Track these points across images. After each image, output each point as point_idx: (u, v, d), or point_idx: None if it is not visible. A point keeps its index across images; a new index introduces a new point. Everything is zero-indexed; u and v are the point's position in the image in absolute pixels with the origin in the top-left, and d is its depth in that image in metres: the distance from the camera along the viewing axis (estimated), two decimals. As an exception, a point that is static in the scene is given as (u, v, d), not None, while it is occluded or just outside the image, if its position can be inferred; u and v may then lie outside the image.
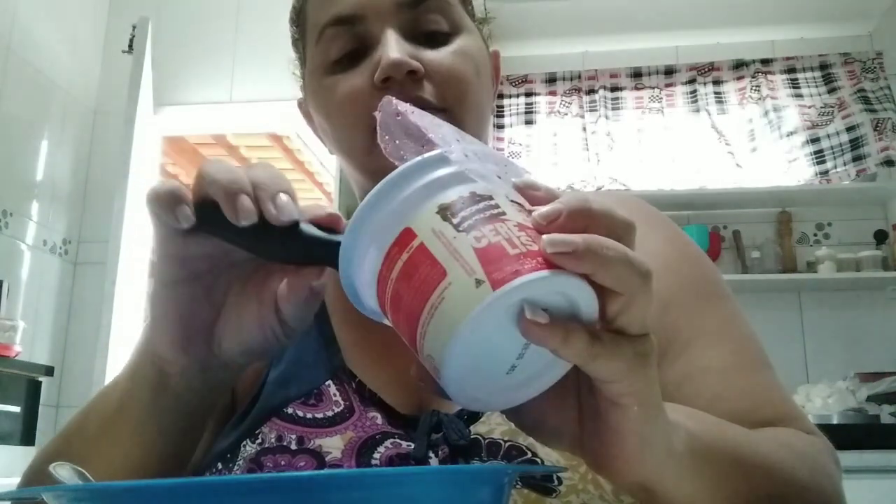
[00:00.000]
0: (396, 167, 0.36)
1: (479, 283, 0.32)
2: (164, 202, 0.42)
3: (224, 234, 0.43)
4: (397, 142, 0.39)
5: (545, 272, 0.32)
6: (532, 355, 0.35)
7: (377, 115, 0.40)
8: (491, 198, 0.36)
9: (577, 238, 0.33)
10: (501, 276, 0.32)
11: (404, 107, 0.40)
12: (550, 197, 0.36)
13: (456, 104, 0.62)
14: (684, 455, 0.40)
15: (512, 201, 0.36)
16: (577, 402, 0.39)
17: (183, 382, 0.48)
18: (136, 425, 0.50)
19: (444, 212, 0.35)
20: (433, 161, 0.37)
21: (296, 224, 0.42)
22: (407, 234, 0.35)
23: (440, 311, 0.33)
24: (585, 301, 0.34)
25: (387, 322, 0.39)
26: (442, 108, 0.61)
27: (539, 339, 0.33)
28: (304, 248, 0.42)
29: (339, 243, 0.40)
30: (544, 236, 0.33)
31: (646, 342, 0.35)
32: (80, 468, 0.37)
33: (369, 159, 0.63)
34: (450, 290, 0.33)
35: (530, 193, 0.36)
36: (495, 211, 0.35)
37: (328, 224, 0.43)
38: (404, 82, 0.60)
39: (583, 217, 0.34)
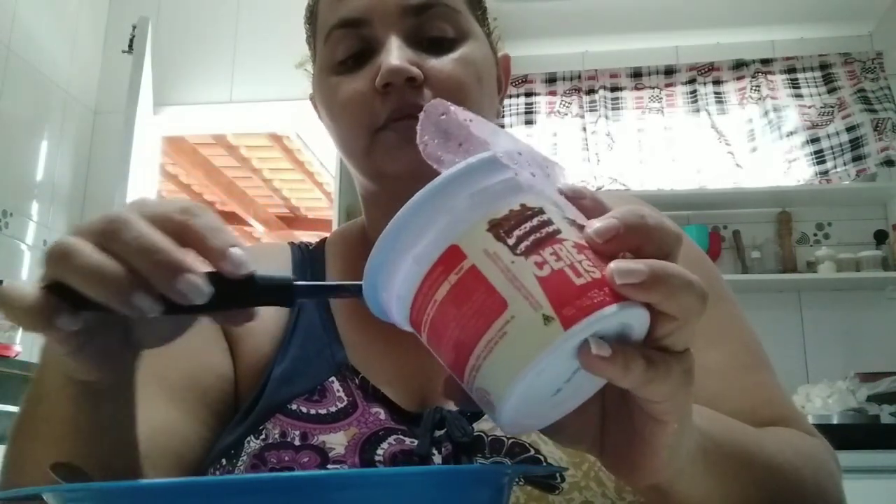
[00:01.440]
0: (394, 172, 0.35)
1: (547, 319, 0.30)
2: (30, 319, 0.36)
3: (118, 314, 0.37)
4: (436, 142, 0.35)
5: (614, 307, 0.31)
6: (579, 378, 0.34)
7: (421, 115, 0.36)
8: (542, 211, 0.33)
9: (643, 267, 0.31)
10: (572, 314, 0.30)
11: (453, 108, 0.36)
12: (598, 206, 0.35)
13: None
14: (697, 455, 0.40)
15: (563, 215, 0.34)
16: (600, 407, 0.38)
17: (106, 387, 0.44)
18: (63, 426, 0.46)
19: (497, 230, 0.32)
20: (481, 165, 0.33)
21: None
22: (454, 253, 0.32)
23: (501, 347, 0.31)
24: (640, 323, 0.33)
25: (408, 329, 0.36)
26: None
27: (601, 371, 0.32)
28: (224, 302, 0.38)
29: (263, 288, 0.38)
30: (611, 266, 0.32)
31: (689, 358, 0.35)
32: (80, 468, 0.37)
33: (368, 161, 0.64)
34: (513, 324, 0.31)
35: (579, 203, 0.35)
36: (550, 229, 0.32)
37: (230, 274, 0.38)
38: (403, 88, 0.61)
39: (640, 233, 0.33)
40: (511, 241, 0.32)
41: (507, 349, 0.31)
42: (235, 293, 0.38)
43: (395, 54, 0.60)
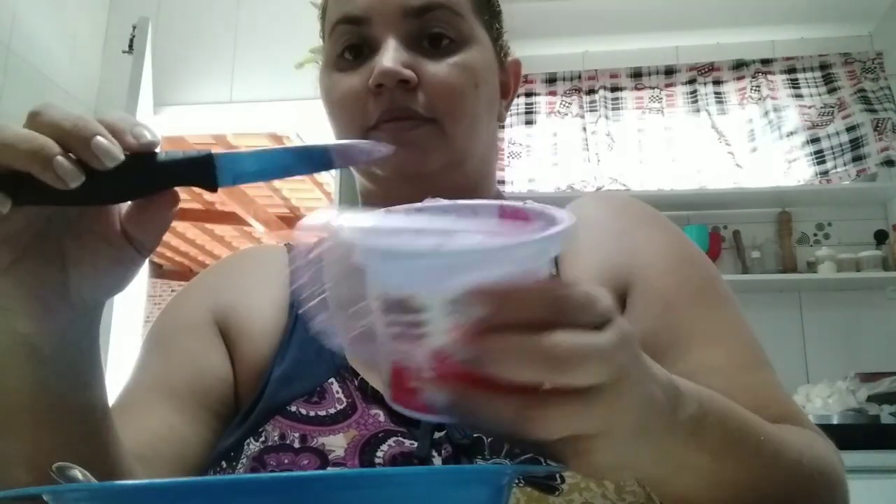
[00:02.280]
0: (383, 172, 0.35)
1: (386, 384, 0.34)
2: None
3: (42, 197, 0.38)
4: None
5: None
6: None
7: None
8: (424, 310, 0.32)
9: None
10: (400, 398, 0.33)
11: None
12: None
13: (445, 115, 0.63)
14: (693, 436, 0.39)
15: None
16: None
17: (53, 345, 0.44)
18: (29, 413, 0.45)
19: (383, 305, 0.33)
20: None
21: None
22: None
23: None
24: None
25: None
26: (430, 119, 0.63)
27: None
28: (145, 178, 0.40)
29: (180, 161, 0.39)
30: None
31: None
32: (81, 468, 0.37)
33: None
34: None
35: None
36: (417, 332, 0.32)
37: (147, 149, 0.40)
38: (395, 90, 0.61)
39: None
40: (387, 319, 0.33)
41: None
42: (153, 173, 0.40)
43: (390, 56, 0.61)
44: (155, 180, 0.40)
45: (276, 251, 0.76)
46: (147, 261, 0.47)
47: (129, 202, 0.42)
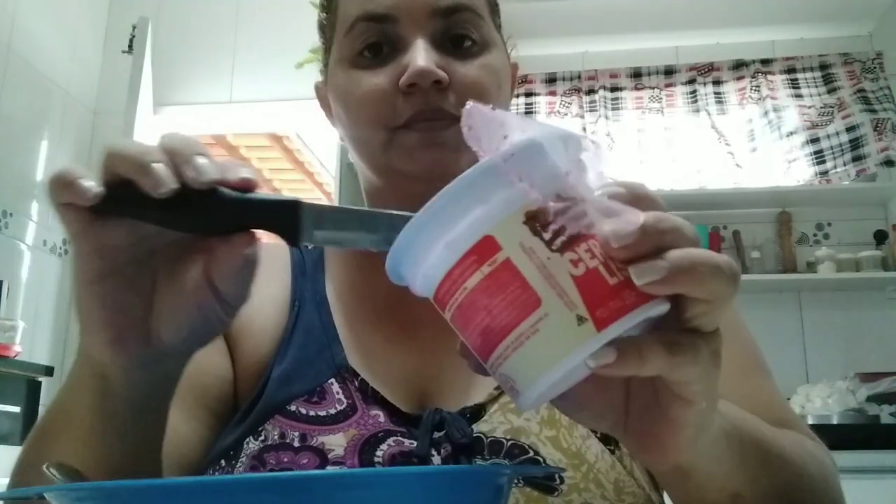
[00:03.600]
0: (411, 172, 0.35)
1: (581, 320, 0.31)
2: (61, 183, 0.39)
3: (140, 211, 0.39)
4: (480, 127, 0.35)
5: (644, 307, 0.32)
6: None
7: (464, 128, 0.36)
8: (577, 202, 0.33)
9: (663, 264, 0.32)
10: (605, 315, 0.31)
11: (485, 111, 0.36)
12: (635, 197, 0.34)
13: None
14: (720, 437, 0.40)
15: (596, 205, 0.33)
16: (624, 386, 0.38)
17: (124, 382, 0.44)
18: (85, 432, 0.47)
19: (533, 223, 0.32)
20: (520, 154, 0.33)
21: (214, 190, 0.39)
22: (489, 244, 0.33)
23: (533, 342, 0.32)
24: (663, 311, 0.33)
25: (425, 296, 0.37)
26: (460, 119, 0.62)
27: (614, 373, 0.32)
28: (229, 213, 0.40)
29: (263, 202, 0.39)
30: (631, 268, 0.32)
31: (717, 338, 0.35)
32: (75, 468, 0.37)
33: (383, 158, 0.63)
34: (546, 322, 0.31)
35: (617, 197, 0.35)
36: (585, 221, 0.33)
37: (243, 187, 0.40)
38: (429, 91, 0.61)
39: (655, 240, 0.33)
40: (547, 237, 0.32)
41: (538, 345, 0.32)
42: (201, 209, 0.40)
43: (424, 56, 0.60)
44: (237, 217, 0.40)
45: (278, 250, 0.75)
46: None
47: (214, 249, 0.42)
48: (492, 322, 0.33)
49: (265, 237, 0.42)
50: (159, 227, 0.41)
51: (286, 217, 0.40)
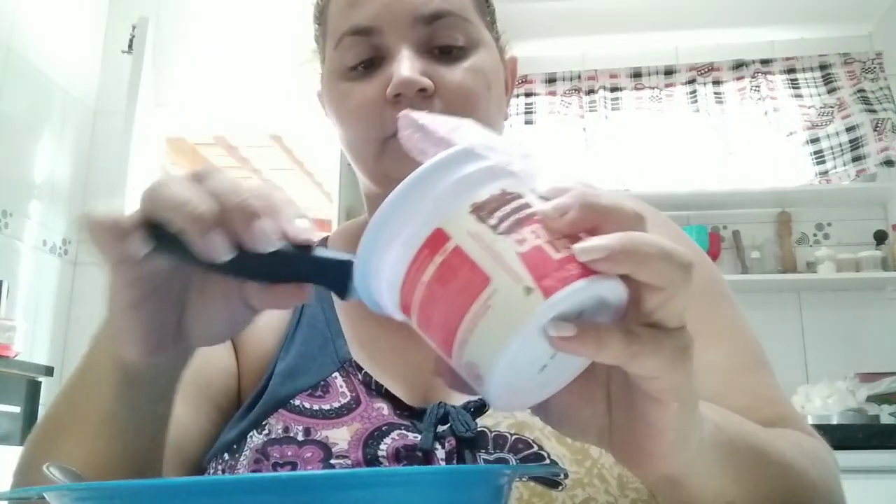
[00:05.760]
0: (401, 178, 0.35)
1: (528, 290, 0.32)
2: (108, 236, 0.38)
3: (183, 257, 0.38)
4: (418, 136, 0.38)
5: (593, 279, 0.32)
6: (563, 355, 0.35)
7: (400, 136, 0.38)
8: (520, 195, 0.35)
9: (608, 241, 0.32)
10: (551, 284, 0.32)
11: (421, 117, 0.39)
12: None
13: None
14: (710, 447, 0.40)
15: (538, 196, 0.35)
16: (606, 394, 0.38)
17: (150, 376, 0.46)
18: (98, 426, 0.48)
19: (479, 212, 0.34)
20: (459, 156, 0.35)
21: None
22: (439, 236, 0.34)
23: (486, 319, 0.32)
24: (616, 296, 0.33)
25: (399, 318, 0.38)
26: None
27: (573, 349, 0.32)
28: (282, 269, 0.40)
29: (318, 261, 0.39)
30: (575, 246, 0.33)
31: (684, 335, 0.35)
32: (74, 469, 0.37)
33: (376, 167, 0.65)
34: (496, 297, 0.32)
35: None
36: (529, 210, 0.34)
37: (302, 244, 0.40)
38: (414, 99, 0.61)
39: (594, 211, 0.34)
40: (492, 222, 0.34)
41: (491, 321, 0.32)
42: (291, 266, 0.40)
43: (407, 65, 0.61)
44: (291, 272, 0.40)
45: None
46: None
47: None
48: (448, 310, 0.34)
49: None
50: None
51: (338, 275, 0.40)
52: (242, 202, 0.37)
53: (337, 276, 0.40)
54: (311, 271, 0.40)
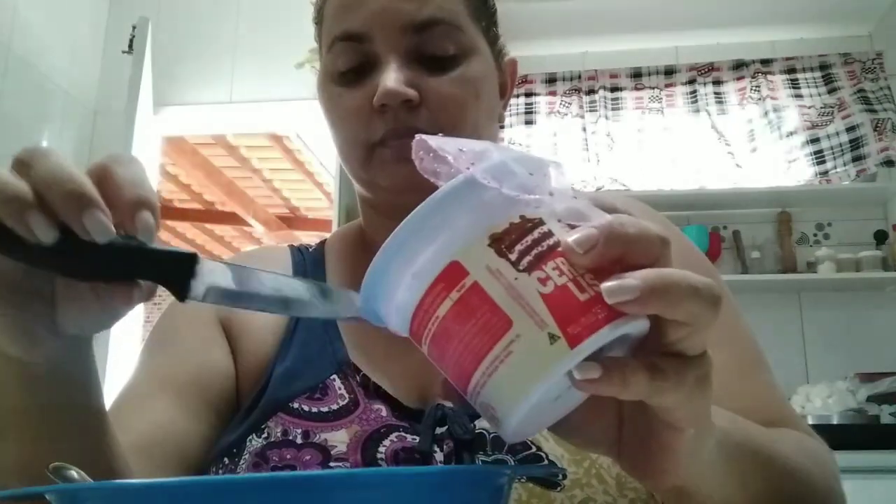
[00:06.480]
0: (388, 186, 0.34)
1: (553, 338, 0.30)
2: None
3: (17, 251, 0.36)
4: (432, 156, 0.35)
5: (618, 322, 0.31)
6: None
7: (416, 161, 0.36)
8: (543, 222, 0.33)
9: (635, 283, 0.31)
10: (577, 332, 0.30)
11: (435, 141, 0.36)
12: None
13: (448, 129, 0.63)
14: (718, 456, 0.40)
15: (563, 224, 0.33)
16: (617, 410, 0.38)
17: (45, 368, 0.44)
18: (17, 425, 0.46)
19: (499, 245, 0.32)
20: (474, 182, 0.33)
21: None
22: (456, 269, 0.32)
23: (507, 366, 0.31)
24: (640, 330, 0.32)
25: (405, 335, 0.36)
26: (434, 134, 0.62)
27: (598, 391, 0.31)
28: (114, 264, 0.37)
29: (156, 254, 0.36)
30: (602, 287, 0.31)
31: (704, 363, 0.34)
32: (78, 469, 0.37)
33: (364, 173, 0.65)
34: (518, 343, 0.31)
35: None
36: (551, 241, 0.32)
37: (140, 237, 0.37)
38: (399, 110, 0.62)
39: (619, 242, 0.32)
40: (513, 257, 0.32)
41: (512, 369, 0.31)
42: (123, 261, 0.37)
43: (393, 77, 0.61)
44: (124, 268, 0.37)
45: (280, 252, 0.76)
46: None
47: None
48: (465, 349, 0.32)
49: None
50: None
51: (176, 273, 0.38)
52: (69, 191, 0.36)
53: (174, 274, 0.38)
54: (146, 267, 0.37)
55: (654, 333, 0.33)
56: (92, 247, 0.36)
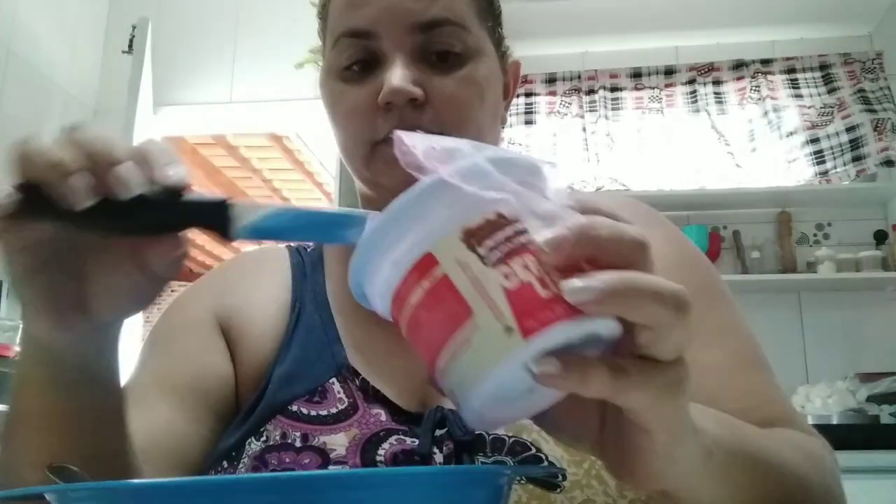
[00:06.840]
0: (390, 184, 0.35)
1: (508, 330, 0.31)
2: None
3: (58, 214, 0.38)
4: (417, 151, 0.36)
5: (576, 320, 0.31)
6: None
7: (398, 156, 0.37)
8: (518, 220, 0.34)
9: (596, 284, 0.31)
10: (532, 325, 0.31)
11: (413, 138, 0.37)
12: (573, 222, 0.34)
13: (452, 129, 0.63)
14: (703, 460, 0.40)
15: (542, 225, 0.34)
16: (599, 409, 0.38)
17: (73, 354, 0.45)
18: (43, 420, 0.47)
19: (470, 239, 0.33)
20: (442, 183, 0.34)
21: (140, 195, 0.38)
22: (429, 261, 0.33)
23: (465, 354, 0.32)
24: (608, 331, 0.33)
25: (391, 320, 0.37)
26: (438, 133, 0.62)
27: (557, 385, 0.32)
28: (155, 216, 0.39)
29: (191, 204, 0.39)
30: (563, 284, 0.31)
31: (678, 369, 0.34)
32: (77, 469, 0.37)
33: (366, 170, 0.65)
34: (477, 333, 0.32)
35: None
36: (523, 239, 0.33)
37: (174, 189, 0.40)
38: (404, 108, 0.61)
39: (591, 244, 0.32)
40: (482, 252, 0.33)
41: (471, 357, 0.32)
42: (161, 213, 0.39)
43: (398, 74, 0.60)
44: (163, 219, 0.40)
45: (279, 253, 0.76)
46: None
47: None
48: (432, 336, 0.33)
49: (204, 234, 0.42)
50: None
51: (215, 216, 0.40)
52: (103, 148, 0.38)
53: (214, 217, 0.40)
54: (185, 216, 0.39)
55: (628, 340, 0.33)
56: (132, 204, 0.38)
